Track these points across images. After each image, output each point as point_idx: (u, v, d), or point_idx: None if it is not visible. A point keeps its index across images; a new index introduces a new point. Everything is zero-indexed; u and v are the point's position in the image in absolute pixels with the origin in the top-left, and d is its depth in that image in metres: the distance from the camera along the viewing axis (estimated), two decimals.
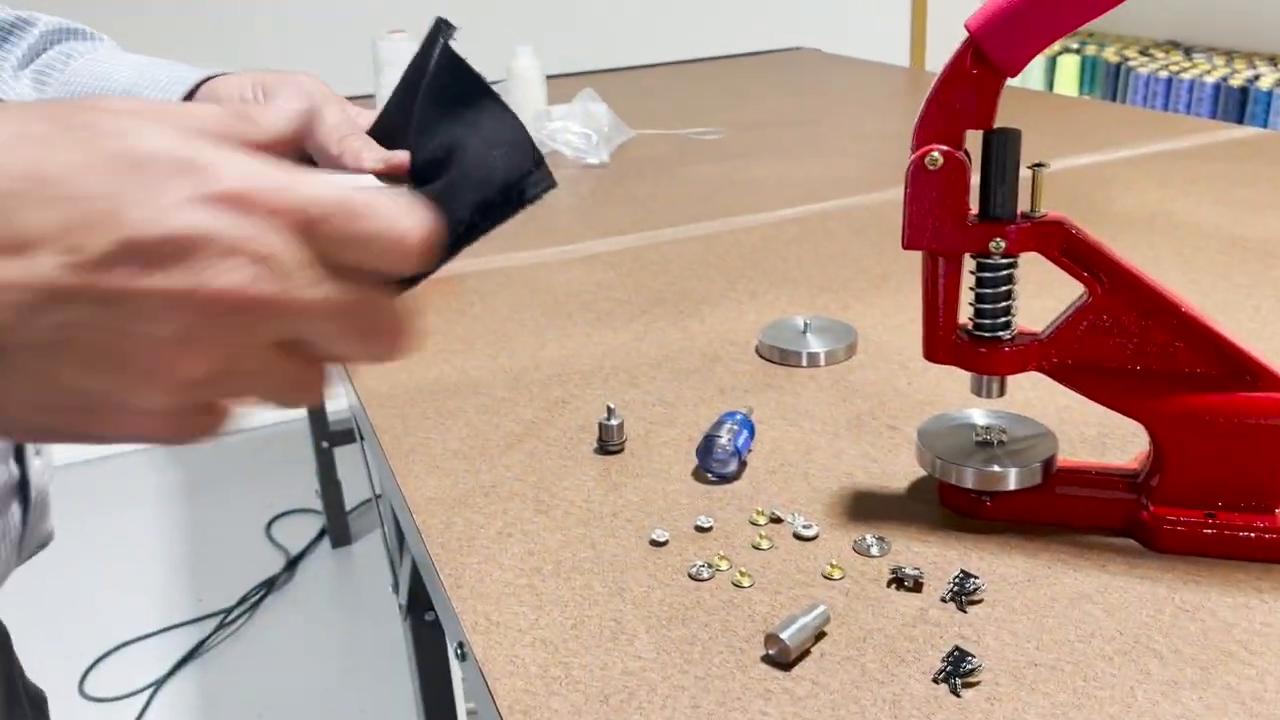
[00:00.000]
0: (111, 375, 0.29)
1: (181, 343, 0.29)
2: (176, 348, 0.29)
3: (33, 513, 0.54)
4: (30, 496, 0.53)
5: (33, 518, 0.54)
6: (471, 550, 0.59)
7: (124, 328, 0.28)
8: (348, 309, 0.31)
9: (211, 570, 2.19)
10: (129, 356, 0.29)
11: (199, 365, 0.29)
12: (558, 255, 1.10)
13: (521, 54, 1.64)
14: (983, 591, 0.53)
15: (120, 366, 0.29)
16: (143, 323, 0.28)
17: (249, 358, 0.30)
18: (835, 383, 0.78)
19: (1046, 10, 0.50)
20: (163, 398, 0.30)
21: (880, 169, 1.37)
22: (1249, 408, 0.53)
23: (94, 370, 0.29)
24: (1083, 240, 0.54)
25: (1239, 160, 1.30)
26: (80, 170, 0.27)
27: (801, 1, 3.01)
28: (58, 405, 0.30)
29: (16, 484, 0.52)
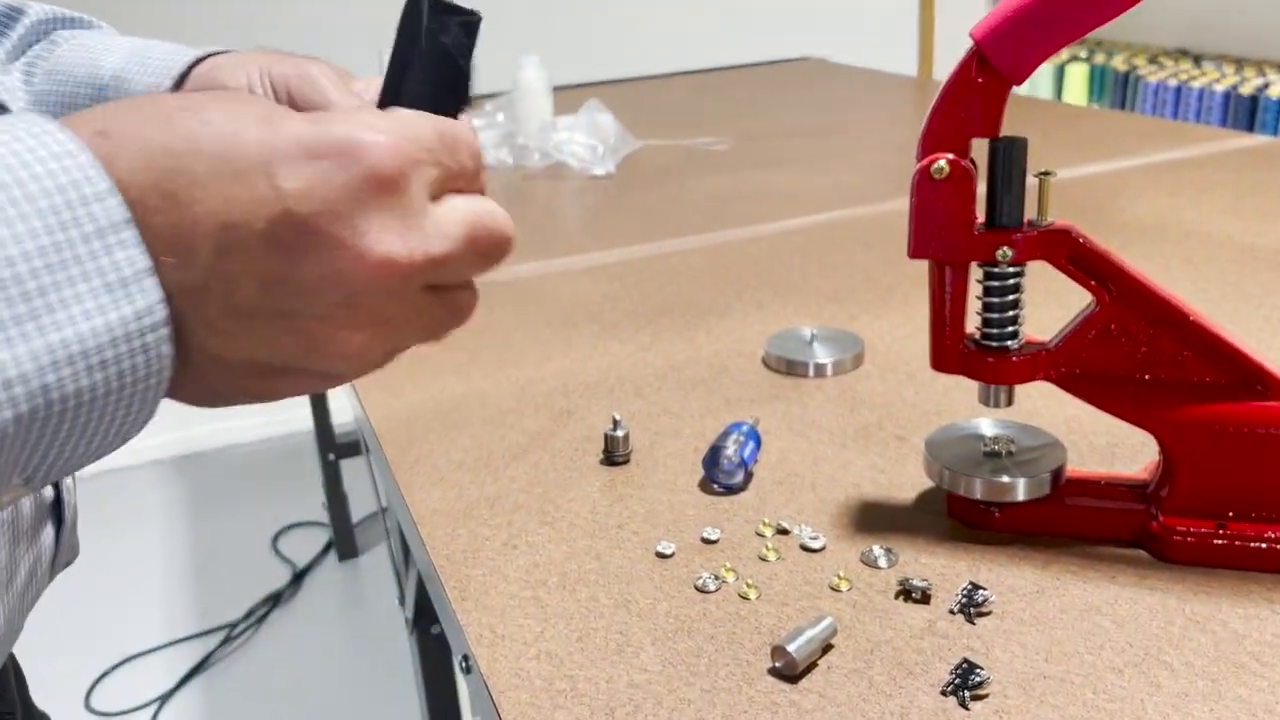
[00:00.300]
0: (286, 349, 0.32)
1: (349, 308, 0.32)
2: (344, 315, 0.32)
3: (65, 531, 0.54)
4: (64, 516, 0.53)
5: (65, 535, 0.54)
6: (476, 562, 0.59)
7: (294, 308, 0.32)
8: (474, 237, 0.34)
9: (218, 583, 2.19)
10: (302, 330, 0.32)
11: (363, 331, 0.33)
12: (564, 266, 1.10)
13: (528, 65, 1.64)
14: (991, 603, 0.52)
15: (296, 344, 0.32)
16: (306, 300, 0.31)
17: (406, 309, 0.33)
18: (842, 393, 0.77)
19: (1051, 19, 0.50)
20: (333, 364, 0.33)
21: (887, 179, 1.37)
22: (1259, 417, 0.53)
23: (272, 349, 0.32)
24: (1090, 248, 0.54)
25: (1250, 169, 1.29)
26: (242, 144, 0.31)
27: (809, 11, 3.01)
28: (242, 375, 0.33)
29: (51, 504, 0.52)
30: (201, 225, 0.30)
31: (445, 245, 0.33)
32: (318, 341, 0.32)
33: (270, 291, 0.31)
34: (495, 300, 1.01)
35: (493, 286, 1.04)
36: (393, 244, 0.31)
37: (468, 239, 0.34)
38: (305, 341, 0.32)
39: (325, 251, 0.31)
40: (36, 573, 0.52)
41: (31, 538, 0.50)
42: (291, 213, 0.30)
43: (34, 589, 0.52)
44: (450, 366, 0.86)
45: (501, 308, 0.98)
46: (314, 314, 0.32)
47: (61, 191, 0.28)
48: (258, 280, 0.31)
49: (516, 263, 1.11)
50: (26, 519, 0.49)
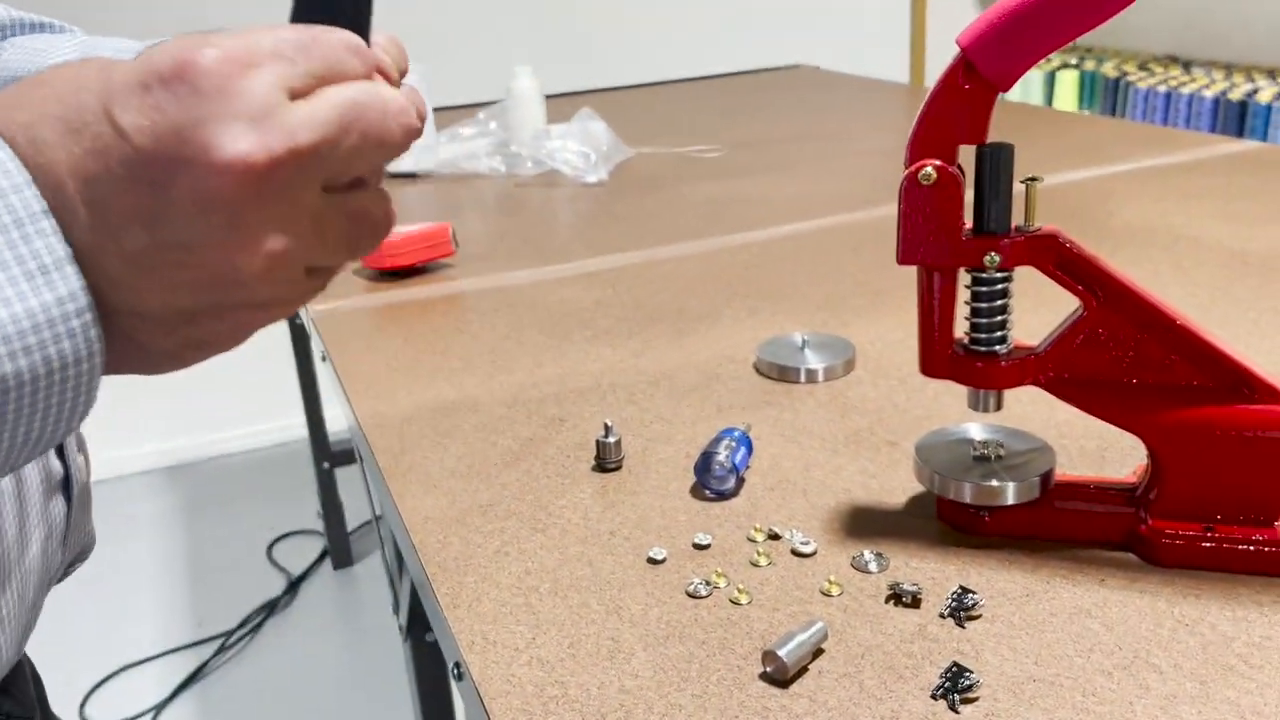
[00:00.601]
0: (197, 285, 0.32)
1: (234, 227, 0.31)
2: (235, 236, 0.31)
3: (75, 507, 0.55)
4: (73, 492, 0.54)
5: (75, 512, 0.55)
6: (468, 569, 0.59)
7: (181, 240, 0.31)
8: (349, 122, 0.32)
9: (213, 593, 2.19)
10: (202, 262, 0.32)
11: (260, 247, 0.32)
12: (556, 273, 1.10)
13: (521, 74, 1.65)
14: (981, 607, 0.53)
15: (202, 277, 0.32)
16: (190, 229, 0.31)
17: (297, 215, 0.32)
18: (833, 399, 0.77)
19: (1037, 26, 0.50)
20: (252, 290, 0.33)
21: (879, 185, 1.38)
22: (1247, 420, 0.53)
23: (185, 289, 0.32)
24: (1077, 253, 0.54)
25: (1238, 174, 1.30)
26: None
27: (801, 19, 3.02)
28: (172, 325, 0.33)
29: (61, 479, 0.53)
30: (67, 188, 0.31)
31: (313, 134, 0.31)
32: (221, 268, 0.32)
33: (155, 231, 0.31)
34: (488, 307, 1.01)
35: (486, 293, 1.05)
36: (247, 144, 0.30)
37: (341, 125, 0.32)
38: (210, 272, 0.32)
39: (184, 175, 0.30)
40: (49, 548, 0.53)
41: (41, 511, 0.51)
42: (140, 148, 0.30)
43: (46, 565, 0.53)
44: (443, 374, 0.86)
45: (494, 314, 0.99)
46: (205, 242, 0.31)
47: None
48: (139, 223, 0.31)
49: (509, 270, 1.12)
50: (35, 491, 0.50)
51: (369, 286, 1.09)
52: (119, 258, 0.31)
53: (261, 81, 0.31)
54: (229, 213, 0.31)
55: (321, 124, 0.32)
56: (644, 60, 2.81)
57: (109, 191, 0.31)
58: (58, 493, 0.53)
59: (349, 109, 0.32)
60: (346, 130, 0.32)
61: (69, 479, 0.54)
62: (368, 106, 0.33)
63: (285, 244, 0.32)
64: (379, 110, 0.33)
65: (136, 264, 0.32)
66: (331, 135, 0.32)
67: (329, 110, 0.32)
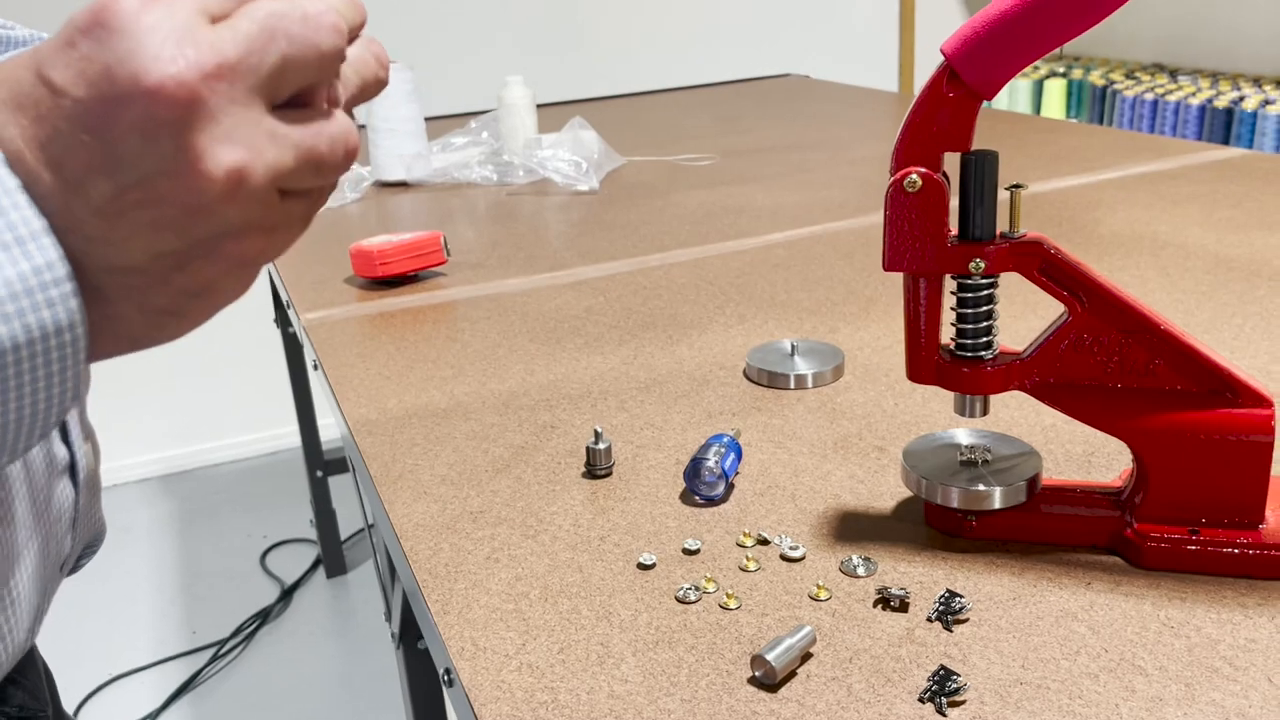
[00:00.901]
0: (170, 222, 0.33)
1: (184, 149, 0.32)
2: (187, 156, 0.32)
3: (83, 493, 0.56)
4: (79, 478, 0.55)
5: (83, 498, 0.56)
6: (459, 576, 0.59)
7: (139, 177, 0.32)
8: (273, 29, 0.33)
9: (206, 602, 2.18)
10: (166, 194, 0.32)
11: (218, 165, 0.32)
12: (548, 281, 1.10)
13: (512, 83, 1.66)
14: (968, 610, 0.53)
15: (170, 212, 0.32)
16: (143, 163, 0.32)
17: (248, 127, 0.33)
18: (822, 404, 0.78)
19: (1020, 34, 0.51)
20: (225, 213, 0.33)
21: (868, 193, 1.38)
22: (1230, 424, 0.53)
23: (160, 230, 0.33)
24: (1061, 259, 0.55)
25: (1223, 181, 1.31)
26: None
27: (790, 28, 3.04)
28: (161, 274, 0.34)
29: (67, 464, 0.54)
30: (26, 158, 0.32)
31: (237, 47, 0.32)
32: (184, 197, 0.32)
33: (114, 176, 0.32)
34: (479, 315, 1.01)
35: (477, 301, 1.05)
36: (174, 66, 0.31)
37: (264, 34, 0.33)
38: (176, 205, 0.32)
39: (124, 111, 0.31)
40: (58, 532, 0.54)
41: (48, 495, 0.52)
42: (78, 100, 0.31)
43: (57, 549, 0.54)
44: (435, 381, 0.86)
45: (486, 322, 0.99)
46: (160, 171, 0.32)
47: None
48: (98, 171, 0.32)
49: (501, 278, 1.12)
50: (41, 475, 0.51)
51: (361, 295, 1.09)
52: (90, 212, 0.32)
53: (178, 10, 0.32)
54: (173, 136, 0.32)
55: (244, 37, 0.33)
56: (635, 69, 2.83)
57: (63, 150, 0.32)
58: (64, 477, 0.54)
59: (268, 19, 0.33)
60: (271, 37, 0.33)
61: (74, 464, 0.55)
62: (285, 15, 0.34)
63: (238, 158, 0.32)
64: (298, 17, 0.34)
65: (107, 214, 0.32)
66: (256, 45, 0.33)
67: (248, 24, 0.33)
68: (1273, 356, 0.80)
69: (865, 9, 3.12)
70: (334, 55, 0.35)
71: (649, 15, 2.90)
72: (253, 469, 2.73)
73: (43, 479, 0.52)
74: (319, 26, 0.34)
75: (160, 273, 0.34)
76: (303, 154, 0.34)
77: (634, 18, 2.88)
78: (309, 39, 0.34)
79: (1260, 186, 1.27)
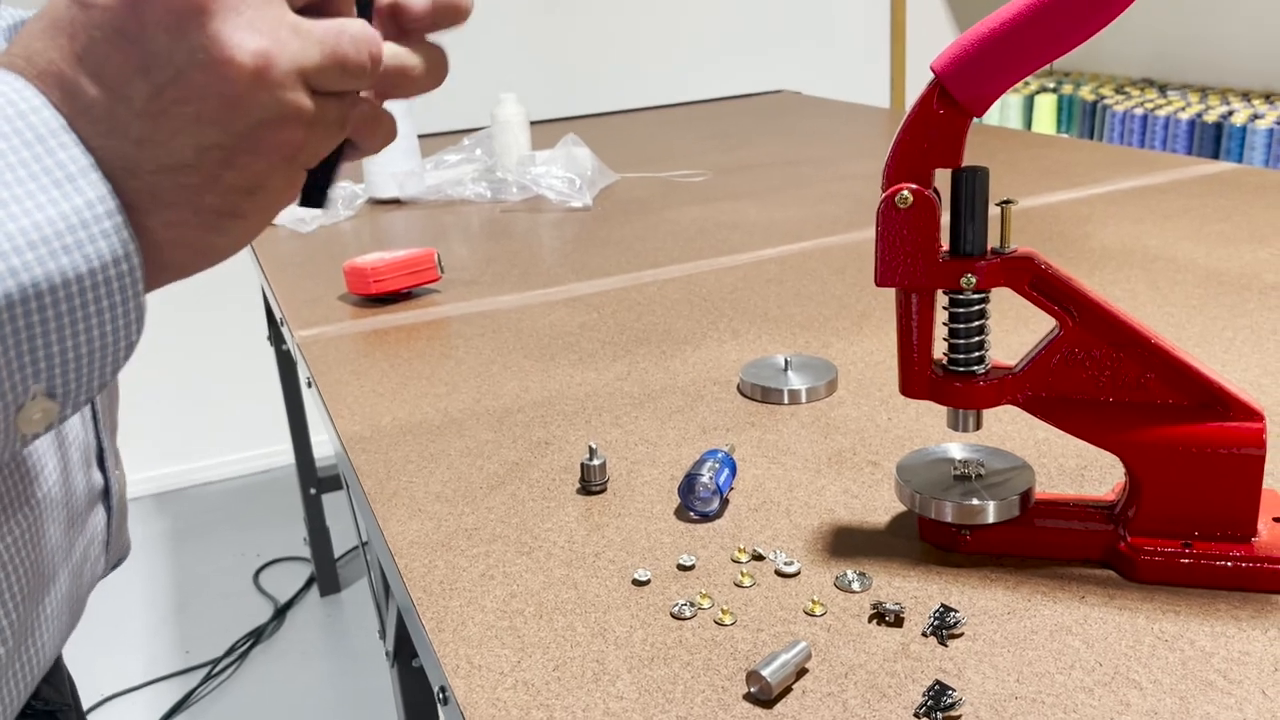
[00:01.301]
0: (215, 118, 0.35)
1: (213, 39, 0.34)
2: (217, 48, 0.34)
3: (115, 518, 0.57)
4: (113, 504, 0.57)
5: (115, 522, 0.58)
6: (454, 593, 0.59)
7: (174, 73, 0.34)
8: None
9: (199, 621, 2.17)
10: (204, 91, 0.35)
11: (244, 53, 0.34)
12: (542, 297, 1.11)
13: (506, 101, 1.66)
14: (963, 625, 0.53)
15: (208, 105, 0.35)
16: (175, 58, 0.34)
17: (278, 18, 0.35)
18: (816, 419, 0.78)
19: (1009, 51, 0.51)
20: (258, 103, 0.35)
21: (860, 208, 1.39)
22: (1221, 437, 0.54)
23: (202, 124, 0.35)
24: (1052, 274, 0.55)
25: (1213, 195, 1.32)
26: None
27: (783, 45, 3.06)
28: (210, 171, 0.36)
29: (101, 490, 0.55)
30: (67, 75, 0.34)
31: None
32: (218, 86, 0.34)
33: (150, 75, 0.34)
34: (473, 331, 1.01)
35: (471, 318, 1.05)
36: None
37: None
38: (213, 96, 0.35)
39: (149, 12, 0.33)
40: (90, 554, 0.55)
41: (84, 520, 0.54)
42: (106, 8, 0.34)
43: (91, 571, 0.56)
44: (429, 398, 0.86)
45: (480, 339, 0.99)
46: (192, 64, 0.34)
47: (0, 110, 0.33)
48: (136, 73, 0.34)
49: (495, 294, 1.12)
50: (80, 501, 0.53)
51: (355, 312, 1.09)
52: (134, 115, 0.34)
53: None
54: (198, 29, 0.34)
55: None
56: (628, 86, 2.84)
57: (101, 59, 0.34)
58: (99, 503, 0.56)
59: None
60: None
61: (109, 490, 0.57)
62: None
63: (261, 44, 0.35)
64: None
65: (150, 114, 0.34)
66: None
67: None
68: (1263, 370, 0.81)
69: (856, 25, 3.14)
70: None
71: (641, 32, 2.91)
72: (246, 487, 2.72)
73: (82, 504, 0.53)
74: None
75: (210, 169, 0.36)
76: (327, 49, 0.37)
77: (626, 35, 2.90)
78: None
79: (1249, 200, 1.28)
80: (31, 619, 0.49)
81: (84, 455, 0.53)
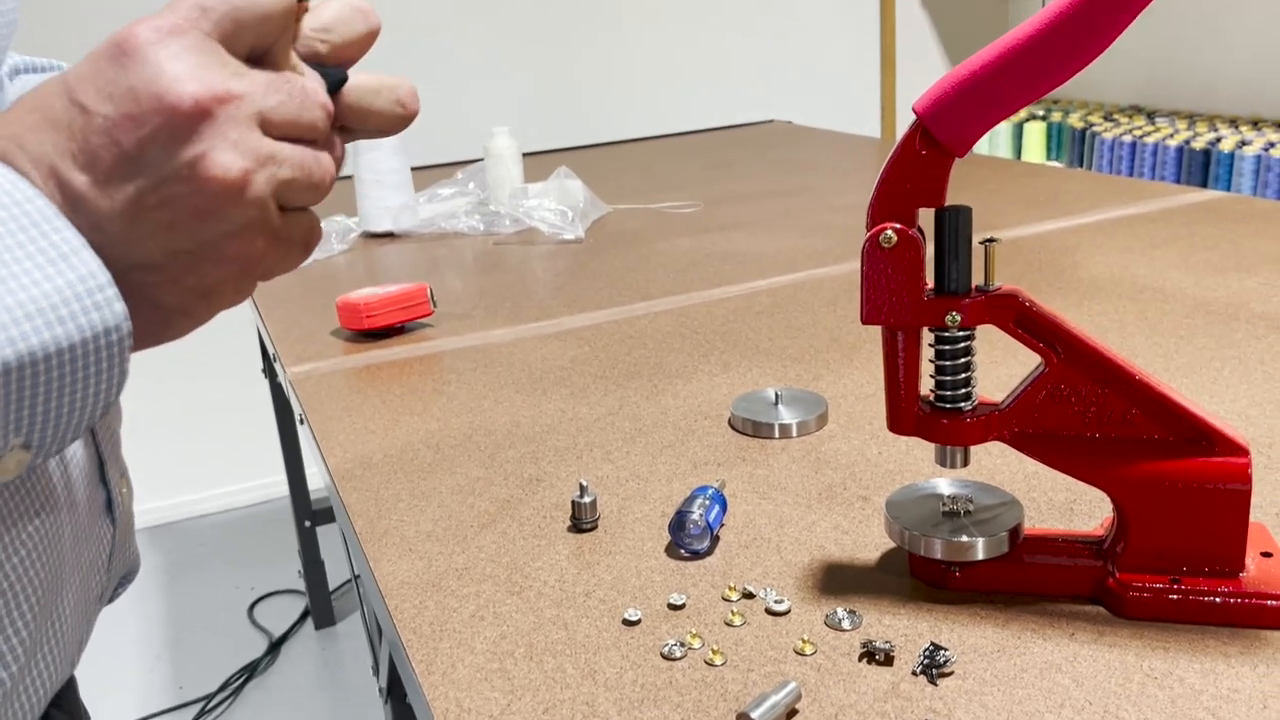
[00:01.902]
0: (188, 225, 0.38)
1: (199, 159, 0.37)
2: (202, 165, 0.37)
3: (119, 530, 0.59)
4: (116, 516, 0.59)
5: (119, 534, 0.59)
6: (443, 635, 0.59)
7: (157, 181, 0.37)
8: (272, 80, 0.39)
9: (193, 656, 2.16)
10: (182, 201, 0.37)
11: (223, 164, 0.37)
12: (534, 331, 1.11)
13: (499, 134, 1.67)
14: (953, 664, 0.53)
15: (183, 213, 0.37)
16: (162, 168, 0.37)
17: (254, 142, 0.38)
18: (807, 454, 0.78)
19: (989, 94, 0.52)
20: (239, 210, 0.38)
21: (851, 239, 1.40)
22: (1207, 473, 0.54)
23: (175, 229, 0.38)
24: (1036, 312, 0.56)
25: (1200, 224, 1.33)
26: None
27: (773, 75, 3.08)
28: (179, 267, 0.39)
29: (105, 503, 0.57)
30: (59, 168, 0.37)
31: (242, 82, 0.38)
32: (195, 199, 0.37)
33: (136, 179, 0.37)
34: (465, 366, 1.01)
35: (463, 352, 1.05)
36: (191, 81, 0.36)
37: (270, 83, 0.39)
38: (189, 206, 0.37)
39: (147, 125, 0.36)
40: (97, 565, 0.57)
41: (90, 531, 0.55)
42: (107, 116, 0.36)
43: (98, 583, 0.57)
44: (420, 435, 0.86)
45: (472, 374, 0.99)
46: (176, 175, 0.37)
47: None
48: (122, 177, 0.37)
49: (487, 329, 1.13)
50: (84, 512, 0.54)
51: (347, 348, 1.10)
52: (113, 215, 0.37)
53: (193, 40, 0.37)
54: (188, 146, 0.37)
55: (249, 80, 0.38)
56: (619, 118, 2.86)
57: (94, 160, 0.37)
58: (105, 515, 0.57)
59: (276, 78, 0.39)
60: (273, 89, 0.39)
61: (112, 502, 0.58)
62: (290, 80, 0.40)
63: (245, 164, 0.38)
64: (299, 88, 0.40)
65: (127, 216, 0.37)
66: (259, 88, 0.39)
67: (258, 74, 0.39)
68: (1251, 400, 0.81)
69: (846, 55, 3.17)
70: (320, 128, 0.41)
71: (633, 64, 2.94)
72: (240, 519, 2.71)
73: (85, 516, 0.55)
74: (314, 103, 0.40)
75: (174, 272, 0.39)
76: (300, 171, 0.40)
77: (619, 67, 2.92)
78: (303, 106, 0.40)
79: (1236, 228, 1.29)
80: (44, 631, 0.50)
81: (85, 468, 0.55)
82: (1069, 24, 0.49)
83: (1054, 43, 0.50)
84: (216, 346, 2.56)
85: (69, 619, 0.53)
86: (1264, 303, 1.02)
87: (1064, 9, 0.49)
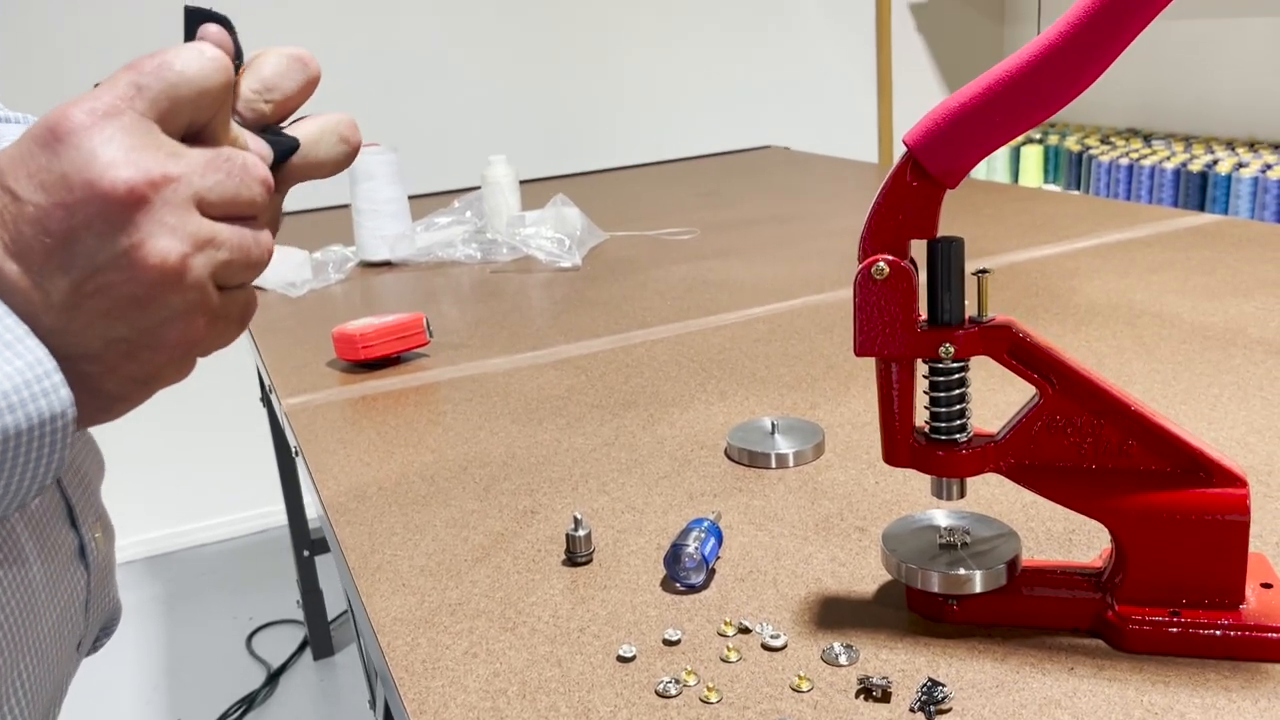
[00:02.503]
0: (125, 313, 0.37)
1: (134, 248, 0.36)
2: (137, 254, 0.36)
3: (94, 575, 0.58)
4: (90, 562, 0.58)
5: (94, 580, 0.58)
6: (436, 673, 0.58)
7: (92, 270, 0.36)
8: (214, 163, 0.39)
9: (190, 688, 2.14)
10: (118, 289, 0.37)
11: (159, 251, 0.37)
12: (530, 360, 1.11)
13: (495, 162, 1.68)
14: (951, 700, 0.52)
15: (120, 302, 0.37)
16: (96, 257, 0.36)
17: (190, 226, 0.38)
18: (803, 484, 0.78)
19: (979, 126, 0.52)
20: (179, 295, 0.38)
21: (848, 265, 1.40)
22: (1204, 504, 0.53)
23: (112, 318, 0.37)
24: (1030, 343, 0.55)
25: (1198, 248, 1.33)
26: None
27: (770, 101, 3.09)
28: (118, 355, 0.38)
29: (77, 548, 0.57)
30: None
31: (178, 164, 0.37)
32: (130, 288, 0.37)
33: (71, 272, 0.36)
34: (461, 396, 1.01)
35: (459, 382, 1.05)
36: (125, 166, 0.36)
37: (208, 163, 0.38)
38: (125, 294, 0.37)
39: (80, 213, 0.35)
40: (71, 613, 0.56)
41: (62, 575, 0.55)
42: (39, 205, 0.36)
43: (73, 630, 0.56)
44: (415, 468, 0.86)
45: (468, 404, 0.99)
46: (111, 264, 0.36)
47: None
48: (58, 269, 0.36)
49: (484, 358, 1.12)
50: (53, 560, 0.54)
51: (343, 378, 1.09)
52: (49, 306, 0.37)
53: (128, 123, 0.36)
54: (124, 233, 0.36)
55: (186, 161, 0.38)
56: (617, 144, 2.87)
57: (27, 250, 0.36)
58: (77, 561, 0.56)
59: (216, 157, 0.39)
60: (212, 169, 0.39)
61: (84, 548, 0.57)
62: (230, 158, 0.39)
63: (180, 250, 0.37)
64: (239, 164, 0.39)
65: (65, 307, 0.37)
66: (196, 169, 0.38)
67: (196, 154, 0.38)
68: (1250, 428, 0.81)
69: (842, 80, 3.19)
70: (259, 204, 0.40)
71: (629, 90, 2.95)
72: (238, 549, 2.70)
73: (55, 562, 0.54)
74: (253, 180, 0.40)
75: (112, 360, 0.38)
76: (237, 252, 0.39)
77: (615, 93, 2.94)
78: (242, 184, 0.39)
79: (1233, 252, 1.29)
80: (9, 680, 0.49)
81: (50, 514, 0.54)
82: (1059, 55, 0.49)
83: (1044, 74, 0.50)
84: (216, 376, 2.56)
85: (40, 667, 0.52)
86: (1261, 327, 1.02)
87: (1055, 40, 0.49)
